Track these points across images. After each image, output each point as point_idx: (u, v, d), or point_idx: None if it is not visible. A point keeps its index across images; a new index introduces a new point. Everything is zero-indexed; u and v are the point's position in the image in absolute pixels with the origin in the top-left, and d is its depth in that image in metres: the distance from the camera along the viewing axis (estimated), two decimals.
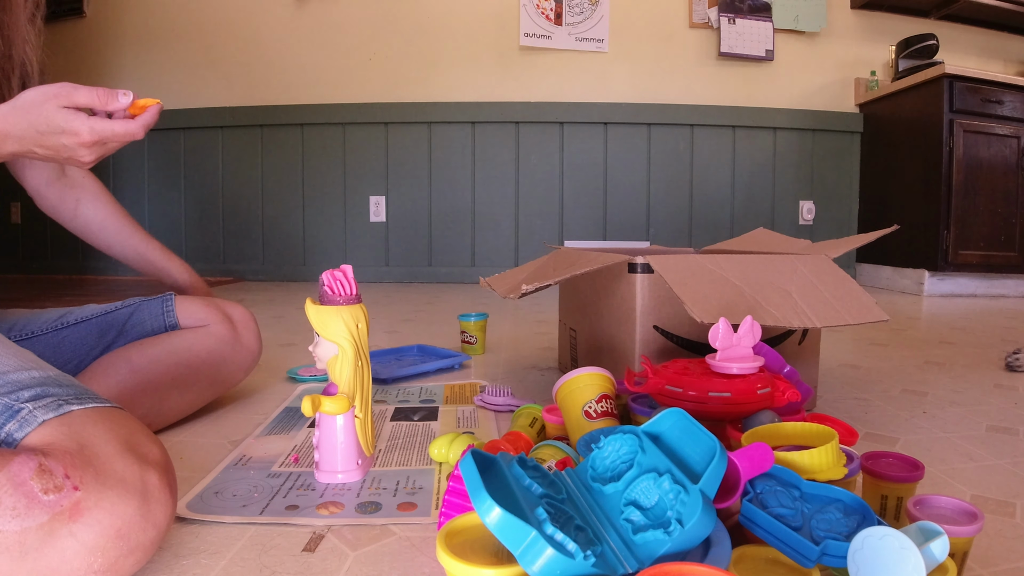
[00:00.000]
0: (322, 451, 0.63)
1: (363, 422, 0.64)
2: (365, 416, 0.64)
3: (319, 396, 0.60)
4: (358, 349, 0.63)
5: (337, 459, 0.63)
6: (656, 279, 0.85)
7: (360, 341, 0.63)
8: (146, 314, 0.87)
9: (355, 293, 0.64)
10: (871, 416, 0.91)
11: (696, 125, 2.98)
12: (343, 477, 0.64)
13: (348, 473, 0.64)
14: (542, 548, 0.35)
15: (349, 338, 0.62)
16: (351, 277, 0.64)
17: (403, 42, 2.94)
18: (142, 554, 0.43)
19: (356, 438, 0.64)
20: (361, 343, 0.64)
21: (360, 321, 0.64)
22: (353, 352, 0.62)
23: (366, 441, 0.65)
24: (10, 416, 0.44)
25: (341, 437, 0.63)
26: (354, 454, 0.64)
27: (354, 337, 0.62)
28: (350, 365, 0.62)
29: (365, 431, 0.65)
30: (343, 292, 0.63)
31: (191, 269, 1.02)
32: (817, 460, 0.48)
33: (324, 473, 0.64)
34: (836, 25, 3.02)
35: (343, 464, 0.63)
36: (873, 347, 1.45)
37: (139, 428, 0.48)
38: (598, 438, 0.51)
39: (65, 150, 0.60)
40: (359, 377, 0.64)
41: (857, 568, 0.36)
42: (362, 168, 2.99)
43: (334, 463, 0.63)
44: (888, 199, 2.88)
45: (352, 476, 0.64)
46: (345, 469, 0.63)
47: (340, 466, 0.63)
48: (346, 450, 0.63)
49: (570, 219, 3.00)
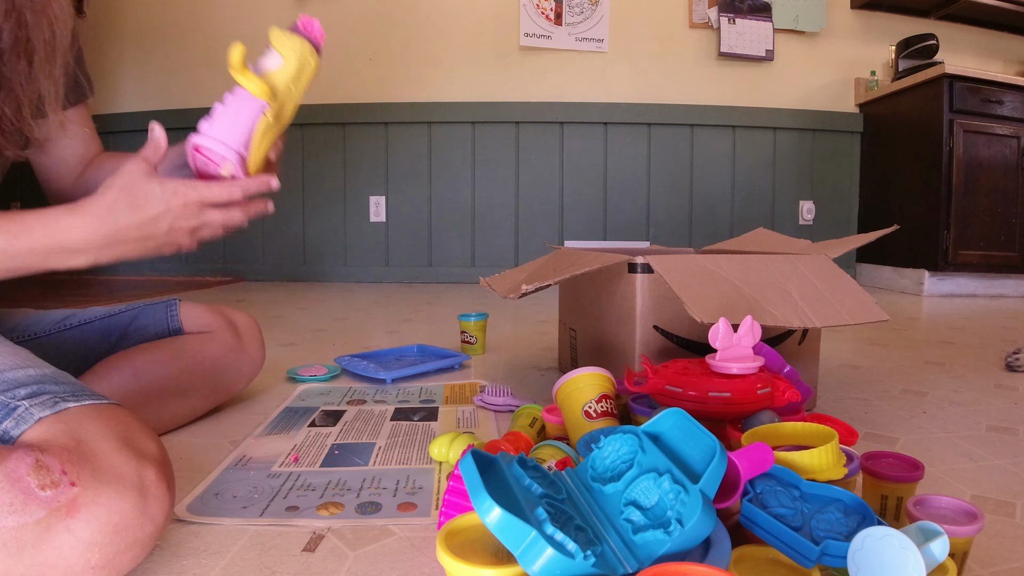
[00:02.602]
0: (221, 111, 0.59)
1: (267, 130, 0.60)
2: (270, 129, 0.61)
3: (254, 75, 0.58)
4: (299, 72, 0.61)
5: (227, 128, 0.59)
6: (656, 279, 0.85)
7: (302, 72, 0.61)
8: (150, 318, 0.87)
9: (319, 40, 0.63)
10: (871, 416, 0.91)
11: (696, 125, 2.98)
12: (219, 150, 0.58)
13: (226, 151, 0.59)
14: (542, 548, 0.35)
15: (298, 58, 0.60)
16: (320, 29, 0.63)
17: (403, 42, 2.94)
18: (140, 550, 0.43)
19: (251, 130, 0.60)
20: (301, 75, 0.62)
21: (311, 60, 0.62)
22: (295, 69, 0.60)
23: (257, 149, 0.61)
24: (6, 414, 0.44)
25: (244, 115, 0.59)
26: (241, 141, 0.59)
27: (301, 59, 0.61)
28: (287, 77, 0.60)
29: (262, 139, 0.60)
30: (311, 33, 0.62)
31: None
32: (817, 460, 0.48)
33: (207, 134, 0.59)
34: (836, 25, 3.02)
35: (229, 138, 0.59)
36: (873, 347, 1.45)
37: (136, 424, 0.48)
38: (598, 438, 0.51)
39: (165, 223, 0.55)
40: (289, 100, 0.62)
41: (857, 568, 0.36)
42: (362, 168, 2.99)
43: (224, 130, 0.59)
44: (888, 199, 2.88)
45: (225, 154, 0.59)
46: (226, 142, 0.59)
47: (224, 136, 0.59)
48: (238, 129, 0.59)
49: (570, 219, 3.00)
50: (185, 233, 0.57)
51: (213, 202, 0.57)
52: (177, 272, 3.07)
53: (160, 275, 3.07)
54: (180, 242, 0.58)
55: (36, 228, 0.52)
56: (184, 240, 0.58)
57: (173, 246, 0.58)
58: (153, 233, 0.55)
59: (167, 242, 0.57)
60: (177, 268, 3.07)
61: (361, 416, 0.89)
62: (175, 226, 0.56)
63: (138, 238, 0.55)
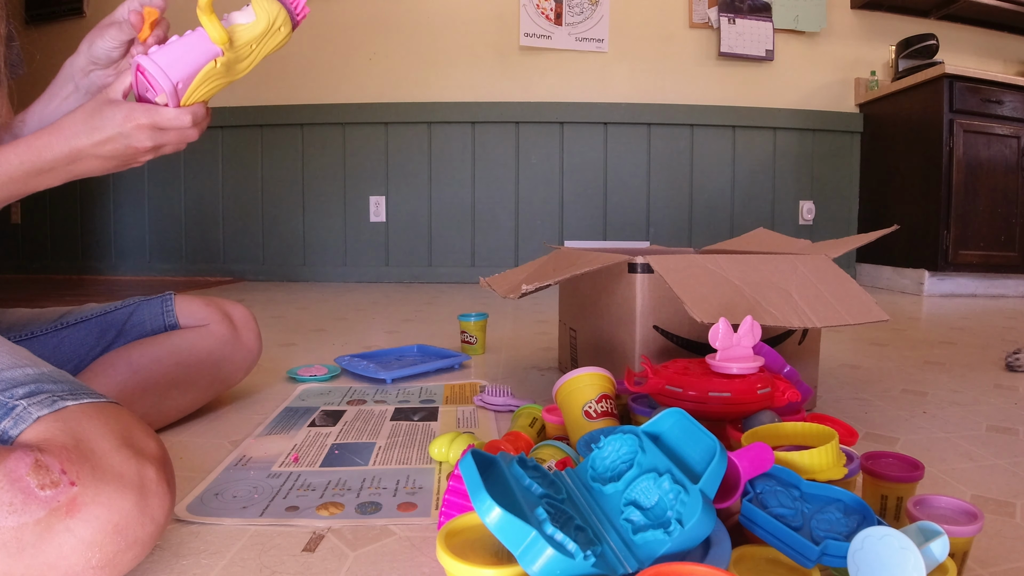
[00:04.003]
0: (175, 43, 0.60)
1: (211, 75, 0.61)
2: (217, 77, 0.62)
3: (217, 21, 0.59)
4: (264, 34, 0.62)
5: (174, 60, 0.59)
6: (656, 279, 0.85)
7: (267, 35, 0.62)
8: (146, 314, 0.87)
9: (299, 15, 0.64)
10: (871, 416, 0.91)
11: (696, 125, 2.98)
12: (158, 77, 0.59)
13: (164, 81, 0.59)
14: (542, 548, 0.35)
15: (269, 20, 0.61)
16: (304, 5, 0.64)
17: (403, 42, 2.94)
18: (140, 549, 0.43)
19: (196, 70, 0.60)
20: (266, 38, 0.63)
21: (283, 29, 0.63)
22: (261, 30, 0.61)
23: (196, 89, 0.61)
24: (5, 413, 0.44)
25: (195, 54, 0.60)
26: (182, 76, 0.60)
27: (272, 23, 0.62)
28: (250, 35, 0.61)
29: (204, 82, 0.61)
30: (293, 4, 0.63)
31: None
32: (817, 460, 0.48)
33: (153, 59, 0.59)
34: (836, 25, 3.02)
35: (172, 70, 0.59)
36: (873, 347, 1.45)
37: (135, 423, 0.48)
38: (598, 438, 0.51)
39: (122, 141, 0.59)
40: (246, 57, 0.63)
41: (857, 568, 0.36)
42: (362, 168, 2.99)
43: (170, 61, 0.59)
44: (888, 199, 2.88)
45: (163, 84, 0.59)
46: (167, 72, 0.59)
47: (167, 66, 0.59)
48: (183, 63, 0.59)
49: (570, 219, 3.00)
50: (145, 152, 0.62)
51: (165, 127, 0.60)
52: (177, 272, 3.07)
53: (159, 275, 3.07)
54: (142, 159, 0.63)
55: (11, 157, 0.57)
56: (146, 157, 0.63)
57: (138, 162, 0.63)
58: (113, 153, 0.60)
59: (129, 160, 0.62)
60: (177, 268, 3.07)
61: (361, 416, 0.89)
62: (132, 145, 0.60)
63: (100, 156, 0.60)
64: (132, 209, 3.08)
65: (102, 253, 3.12)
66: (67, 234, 3.13)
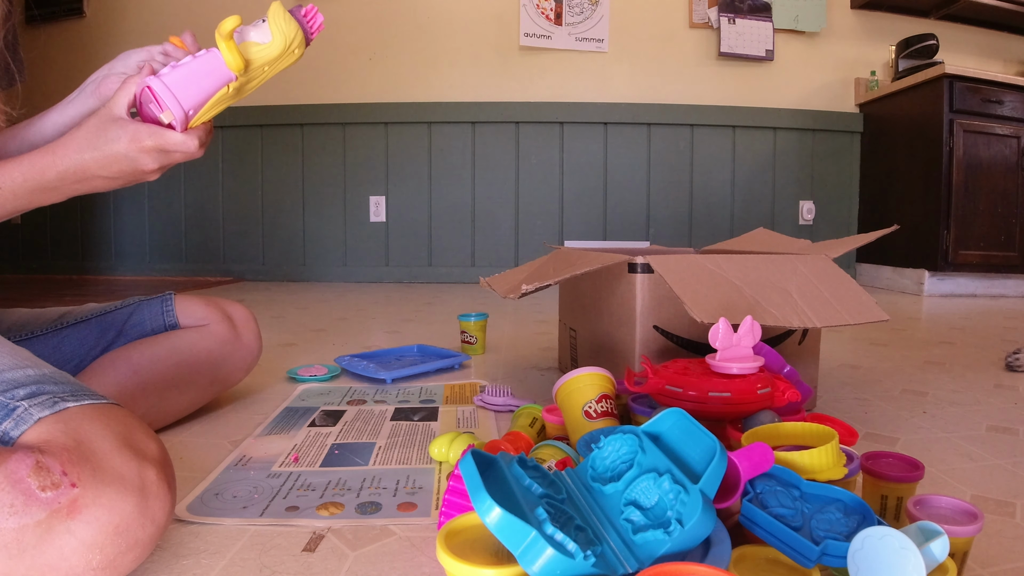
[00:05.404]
0: (188, 66, 0.59)
1: (224, 99, 0.61)
2: (227, 100, 0.61)
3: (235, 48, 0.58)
4: (280, 56, 0.62)
5: (187, 84, 0.58)
6: (656, 279, 0.85)
7: (282, 57, 0.62)
8: (146, 314, 0.87)
9: (314, 34, 0.64)
10: (871, 416, 0.91)
11: (696, 125, 2.98)
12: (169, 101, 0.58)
13: (175, 106, 0.58)
14: (542, 548, 0.35)
15: (285, 42, 0.61)
16: (320, 24, 0.64)
17: (403, 42, 2.94)
18: (141, 551, 0.43)
19: (209, 96, 0.60)
20: (280, 60, 0.62)
21: (297, 50, 0.63)
22: (277, 52, 0.61)
23: (206, 113, 0.61)
24: (6, 414, 0.44)
25: (209, 79, 0.59)
26: (195, 102, 0.59)
27: (287, 45, 0.61)
28: (266, 57, 0.61)
29: (215, 106, 0.61)
30: (310, 25, 0.63)
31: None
32: (817, 460, 0.48)
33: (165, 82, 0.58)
34: (836, 25, 3.02)
35: (185, 95, 0.59)
36: (873, 347, 1.45)
37: (136, 424, 0.48)
38: (598, 438, 0.51)
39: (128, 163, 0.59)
40: (257, 78, 0.62)
41: (857, 568, 0.36)
42: (362, 168, 2.99)
43: (183, 85, 0.58)
44: (888, 199, 2.88)
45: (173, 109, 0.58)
46: (179, 97, 0.58)
47: (180, 91, 0.58)
48: (197, 89, 0.59)
49: (570, 219, 3.00)
50: (149, 172, 0.61)
51: (171, 150, 0.60)
52: (176, 272, 3.07)
53: (159, 275, 3.07)
54: (147, 178, 0.63)
55: (15, 173, 0.57)
56: (150, 176, 0.63)
57: (141, 180, 0.63)
58: (119, 173, 0.60)
59: (134, 178, 0.62)
60: (177, 268, 3.07)
61: (361, 416, 0.89)
62: (138, 168, 0.60)
63: (104, 176, 0.59)
64: (132, 209, 3.08)
65: (102, 253, 3.12)
66: (67, 234, 3.13)
